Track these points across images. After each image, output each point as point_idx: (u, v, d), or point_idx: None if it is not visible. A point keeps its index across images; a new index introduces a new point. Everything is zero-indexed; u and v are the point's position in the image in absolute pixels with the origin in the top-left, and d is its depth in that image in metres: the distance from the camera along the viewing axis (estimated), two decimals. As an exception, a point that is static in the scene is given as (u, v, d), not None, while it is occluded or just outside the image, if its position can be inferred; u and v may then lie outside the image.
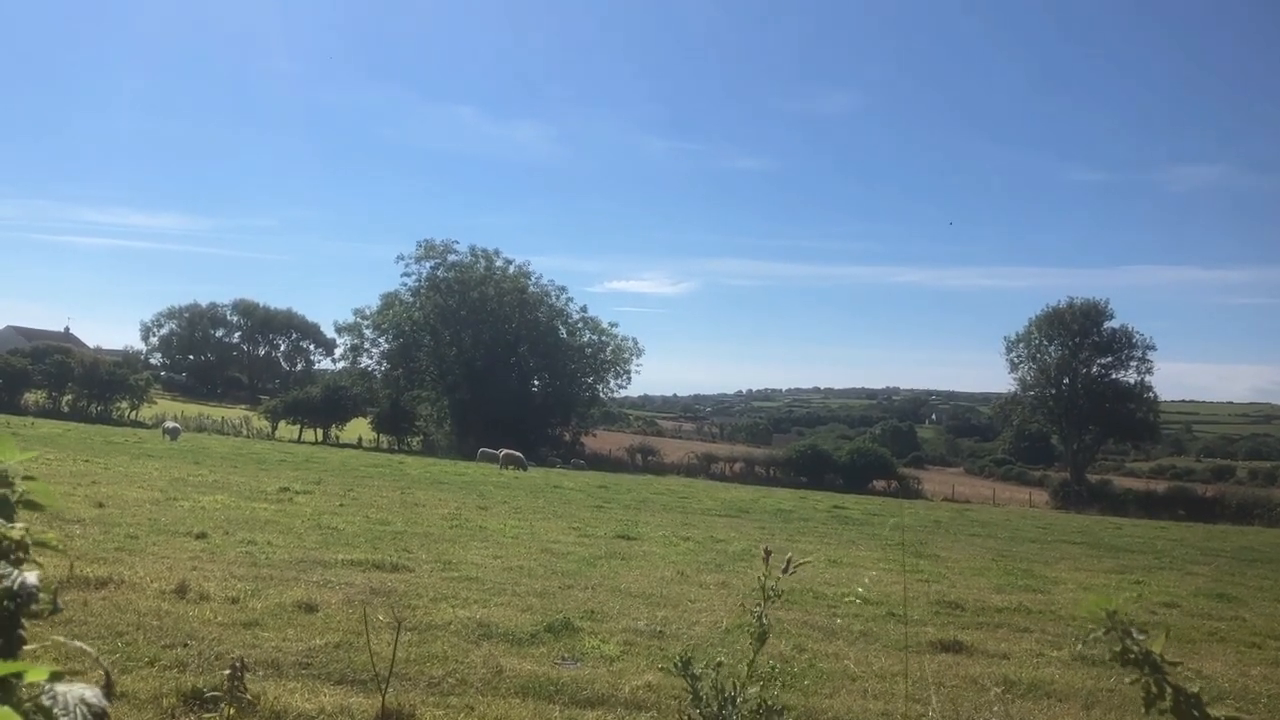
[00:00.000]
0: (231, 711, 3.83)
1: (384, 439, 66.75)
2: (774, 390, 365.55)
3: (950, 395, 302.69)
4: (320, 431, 66.46)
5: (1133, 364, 70.65)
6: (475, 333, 68.58)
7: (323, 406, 66.24)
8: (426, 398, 69.83)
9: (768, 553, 3.76)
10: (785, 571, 3.75)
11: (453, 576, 11.56)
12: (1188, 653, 10.34)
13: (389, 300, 72.23)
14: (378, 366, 75.13)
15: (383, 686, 5.93)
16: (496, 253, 71.86)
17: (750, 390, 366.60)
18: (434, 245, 70.89)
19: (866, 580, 12.91)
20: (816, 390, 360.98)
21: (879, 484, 62.81)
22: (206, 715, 4.67)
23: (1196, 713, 1.01)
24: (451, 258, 70.92)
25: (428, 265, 70.93)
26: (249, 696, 4.01)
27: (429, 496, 23.62)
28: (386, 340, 72.81)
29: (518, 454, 44.31)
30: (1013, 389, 76.21)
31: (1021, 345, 73.41)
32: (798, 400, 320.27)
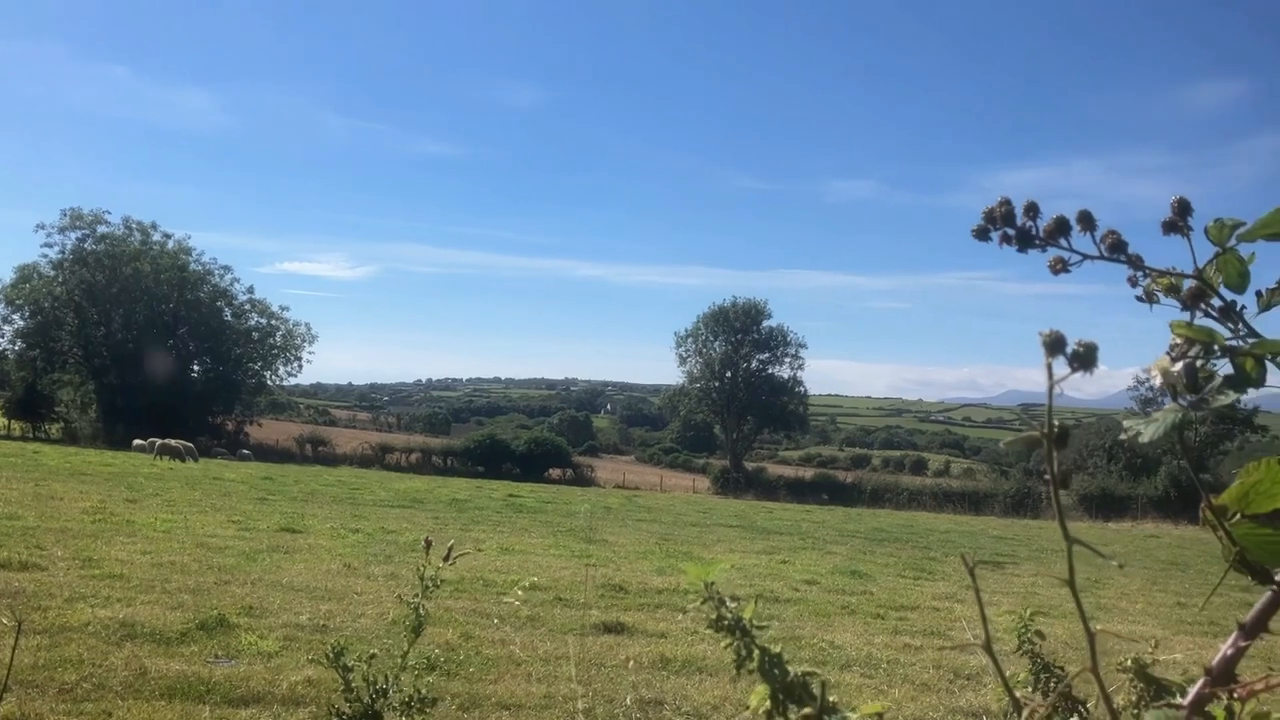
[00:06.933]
0: None
1: (17, 426, 60.13)
2: (455, 380, 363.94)
3: (625, 386, 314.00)
4: (-63, 418, 58.84)
5: (787, 360, 76.27)
6: (127, 312, 63.18)
7: (-59, 390, 58.66)
8: (69, 382, 63.68)
9: (428, 542, 3.74)
10: (446, 560, 3.74)
11: (93, 574, 10.65)
12: (823, 625, 11.35)
13: (25, 273, 64.83)
14: (10, 346, 67.38)
15: None
16: (154, 226, 66.50)
17: (430, 379, 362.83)
18: (81, 215, 64.48)
19: (537, 577, 13.12)
20: (498, 380, 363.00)
21: (555, 473, 64.01)
22: None
23: (778, 670, 1.10)
24: (101, 229, 64.81)
25: (73, 236, 64.43)
26: None
27: (68, 489, 21.49)
28: (22, 317, 65.32)
29: (178, 444, 41.20)
30: (681, 381, 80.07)
31: (690, 340, 77.29)
32: (479, 390, 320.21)
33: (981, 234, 1.12)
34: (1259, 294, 1.10)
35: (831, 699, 1.07)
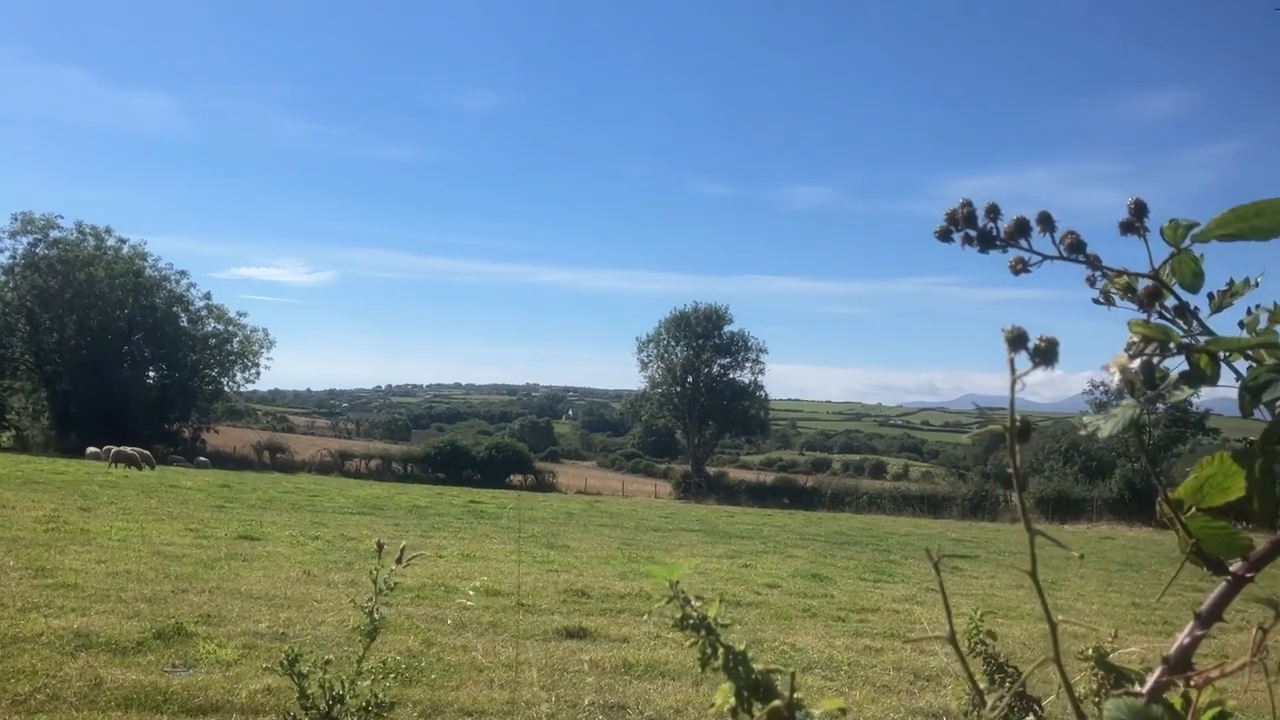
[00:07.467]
0: None
1: (-36, 435, 59.00)
2: (415, 386, 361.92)
3: (587, 392, 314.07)
4: (-119, 426, 57.50)
5: (747, 365, 76.62)
6: (81, 318, 62.16)
7: (-115, 397, 57.35)
8: (20, 389, 62.48)
9: (380, 545, 3.72)
10: (399, 563, 3.73)
11: (46, 584, 10.47)
12: (785, 628, 11.39)
13: (-27, 278, 63.71)
14: (-41, 353, 66.03)
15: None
16: (108, 231, 65.46)
17: (390, 385, 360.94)
18: (33, 219, 63.36)
19: (496, 582, 13.09)
20: (458, 386, 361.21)
21: (516, 478, 63.73)
22: None
23: (742, 667, 1.11)
24: (54, 234, 63.70)
25: (24, 241, 63.26)
26: None
27: (19, 497, 21.09)
28: (-32, 323, 64.16)
29: (133, 451, 40.55)
30: (643, 386, 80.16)
31: (651, 345, 77.39)
32: (439, 396, 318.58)
33: (944, 235, 1.13)
34: (1210, 296, 1.13)
35: (796, 695, 1.08)
